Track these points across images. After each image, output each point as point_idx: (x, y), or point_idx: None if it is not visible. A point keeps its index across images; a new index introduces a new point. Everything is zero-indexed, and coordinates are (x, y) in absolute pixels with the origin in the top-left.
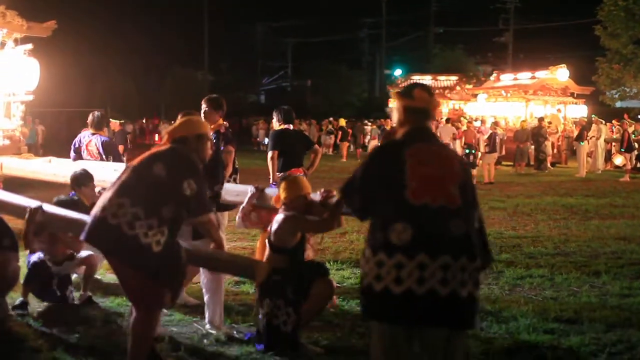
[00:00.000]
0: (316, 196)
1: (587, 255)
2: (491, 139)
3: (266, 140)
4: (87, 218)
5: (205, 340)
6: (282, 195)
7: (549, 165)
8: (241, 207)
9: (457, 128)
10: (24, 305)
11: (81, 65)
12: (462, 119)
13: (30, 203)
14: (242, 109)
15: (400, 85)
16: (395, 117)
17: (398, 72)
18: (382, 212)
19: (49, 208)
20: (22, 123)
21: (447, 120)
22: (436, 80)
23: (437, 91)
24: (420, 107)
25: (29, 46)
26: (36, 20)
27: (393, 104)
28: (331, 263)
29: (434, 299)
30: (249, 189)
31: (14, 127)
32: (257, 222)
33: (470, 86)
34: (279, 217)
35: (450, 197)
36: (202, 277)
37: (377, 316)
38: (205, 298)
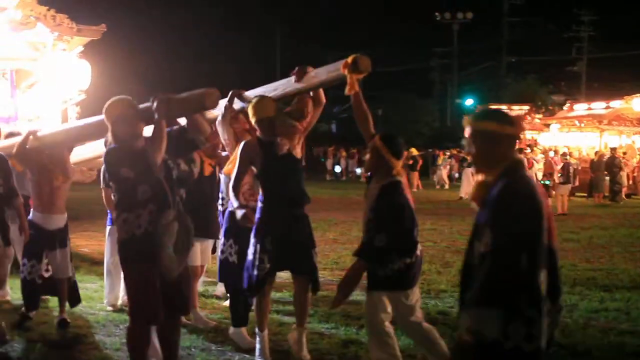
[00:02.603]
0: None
1: None
2: (564, 169)
3: (337, 168)
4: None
5: None
6: (250, 115)
7: (623, 196)
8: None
9: (528, 158)
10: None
11: (148, 85)
12: (535, 149)
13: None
14: (313, 138)
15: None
16: (491, 146)
17: (469, 101)
18: (530, 261)
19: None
20: None
21: (520, 151)
22: (510, 109)
23: None
24: (519, 135)
25: (80, 48)
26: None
27: (490, 130)
28: None
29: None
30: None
31: None
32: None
33: (540, 116)
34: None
35: (555, 236)
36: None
37: None
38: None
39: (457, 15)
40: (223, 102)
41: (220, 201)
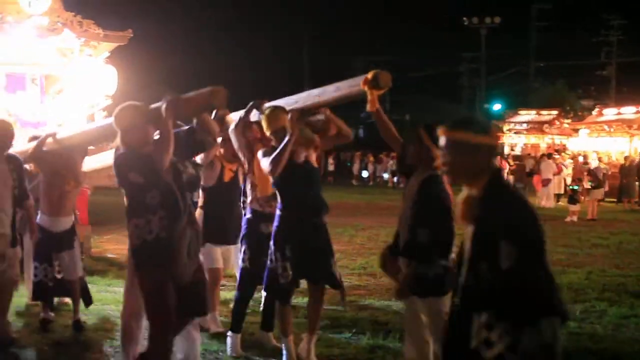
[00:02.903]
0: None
1: None
2: (592, 174)
3: (365, 173)
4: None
5: None
6: (265, 127)
7: None
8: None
9: (557, 163)
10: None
11: (174, 90)
12: (563, 154)
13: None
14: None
15: (507, 121)
16: (467, 157)
17: (498, 106)
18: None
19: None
20: None
21: (549, 156)
22: (539, 114)
23: (536, 126)
24: (497, 145)
25: (106, 54)
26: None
27: (466, 140)
28: None
29: None
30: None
31: None
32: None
33: (569, 121)
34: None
35: None
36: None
37: None
38: None
39: (485, 20)
40: (240, 113)
41: (242, 204)
